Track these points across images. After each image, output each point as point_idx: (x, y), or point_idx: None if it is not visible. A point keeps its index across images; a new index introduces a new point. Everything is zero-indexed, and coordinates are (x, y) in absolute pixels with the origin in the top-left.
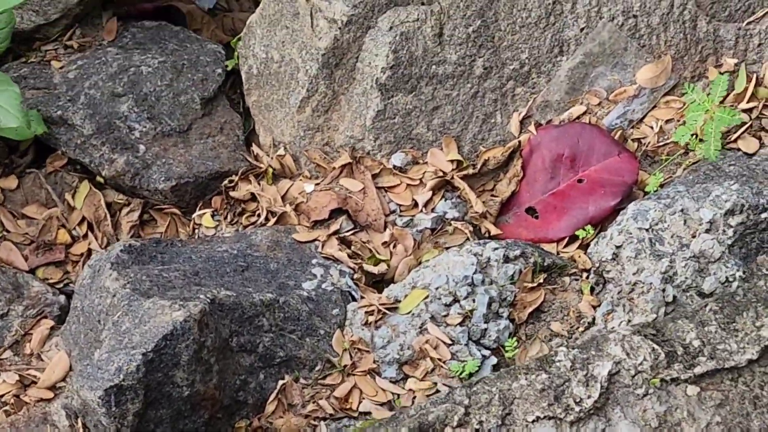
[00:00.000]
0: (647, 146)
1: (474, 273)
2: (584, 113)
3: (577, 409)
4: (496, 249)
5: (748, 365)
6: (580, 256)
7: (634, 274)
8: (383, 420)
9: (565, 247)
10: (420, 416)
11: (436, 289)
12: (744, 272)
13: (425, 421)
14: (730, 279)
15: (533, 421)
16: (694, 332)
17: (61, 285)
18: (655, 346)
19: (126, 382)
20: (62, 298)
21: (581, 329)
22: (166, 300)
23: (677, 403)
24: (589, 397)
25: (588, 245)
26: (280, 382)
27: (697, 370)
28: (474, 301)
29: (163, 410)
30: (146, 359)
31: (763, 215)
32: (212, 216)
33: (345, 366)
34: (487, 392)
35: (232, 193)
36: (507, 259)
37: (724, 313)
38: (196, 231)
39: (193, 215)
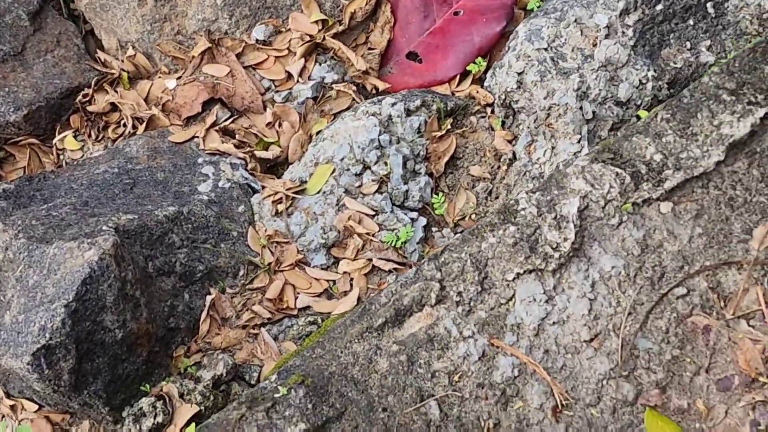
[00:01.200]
0: None
1: (379, 135)
2: None
3: (555, 255)
4: (394, 104)
5: (716, 168)
6: (478, 92)
7: (545, 98)
8: (354, 314)
9: (458, 86)
10: (394, 302)
11: (342, 160)
12: (654, 70)
13: (401, 306)
14: (643, 81)
15: (514, 279)
16: (653, 146)
17: None
18: (618, 170)
19: (53, 340)
20: None
21: (504, 168)
22: (71, 241)
23: (654, 224)
24: (565, 239)
25: (482, 79)
26: (208, 298)
27: (667, 185)
28: (386, 164)
29: (99, 359)
30: (70, 311)
31: (658, 7)
32: (75, 137)
33: (269, 264)
34: (457, 260)
35: (89, 108)
36: (409, 112)
37: (677, 119)
38: (61, 157)
39: (54, 141)
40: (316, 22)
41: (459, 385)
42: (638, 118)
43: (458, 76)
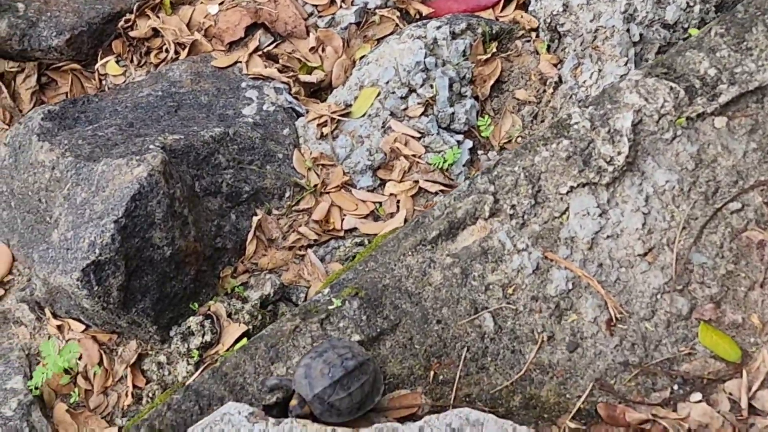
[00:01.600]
0: None
1: (425, 57)
2: None
3: (609, 169)
4: (439, 27)
5: None
6: (522, 17)
7: (591, 21)
8: (407, 227)
9: (502, 11)
10: (447, 215)
11: (387, 83)
12: None
13: (455, 219)
14: (691, 3)
15: (567, 193)
16: (707, 61)
17: None
18: (672, 85)
19: (103, 256)
20: None
21: (550, 91)
22: (119, 158)
23: (708, 138)
24: (618, 153)
25: (526, 3)
26: (254, 219)
27: (721, 99)
28: (432, 87)
29: (148, 277)
30: (119, 226)
31: None
32: (117, 62)
33: (315, 186)
34: (511, 174)
35: (131, 34)
36: (454, 36)
37: (732, 34)
38: (104, 83)
39: (96, 66)
40: None
41: (513, 298)
42: (685, 39)
43: (502, 1)
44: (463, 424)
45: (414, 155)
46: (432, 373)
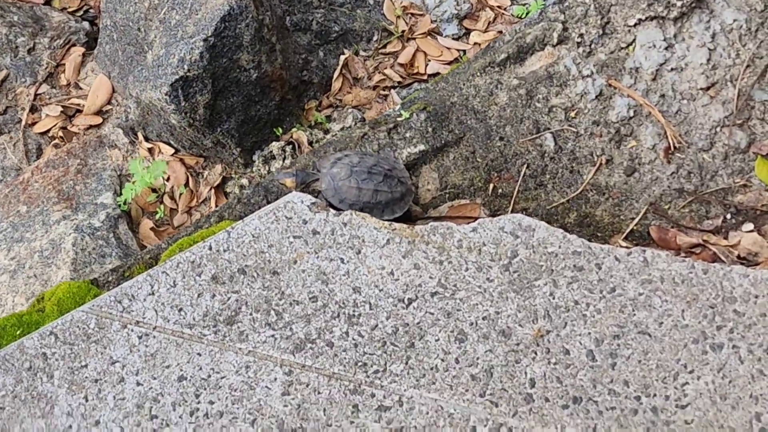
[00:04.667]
0: None
1: None
2: None
3: (678, 4)
4: None
5: None
6: None
7: None
8: (478, 51)
9: None
10: (517, 40)
11: None
12: None
13: (524, 44)
14: None
15: (635, 25)
16: None
17: (81, 13)
18: None
19: (191, 72)
20: (86, 24)
21: None
22: None
23: None
24: None
25: None
26: (342, 57)
27: None
28: None
29: (234, 98)
30: (208, 45)
31: None
32: None
33: (403, 32)
34: (581, 4)
35: None
36: None
37: None
38: None
39: None
40: None
41: (575, 121)
42: None
43: None
44: (515, 229)
45: (499, 6)
46: (491, 186)
